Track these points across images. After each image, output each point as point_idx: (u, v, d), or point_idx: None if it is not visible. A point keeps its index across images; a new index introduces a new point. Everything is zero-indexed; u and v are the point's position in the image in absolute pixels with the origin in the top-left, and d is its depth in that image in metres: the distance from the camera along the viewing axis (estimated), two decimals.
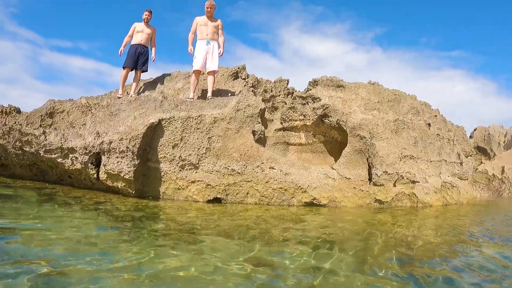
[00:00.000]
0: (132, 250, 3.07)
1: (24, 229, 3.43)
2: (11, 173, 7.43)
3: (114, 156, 5.70)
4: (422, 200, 6.90)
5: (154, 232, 3.89)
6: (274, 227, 4.45)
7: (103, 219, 4.36)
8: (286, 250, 3.37)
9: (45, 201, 5.03)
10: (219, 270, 2.69)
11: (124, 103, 7.00)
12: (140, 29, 8.10)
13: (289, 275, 2.66)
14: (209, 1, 7.44)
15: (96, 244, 3.21)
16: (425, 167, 7.36)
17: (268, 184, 6.02)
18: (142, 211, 4.94)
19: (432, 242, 4.10)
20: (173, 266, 2.75)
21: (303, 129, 7.98)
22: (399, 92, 8.97)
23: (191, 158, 5.93)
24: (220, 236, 3.83)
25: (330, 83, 8.14)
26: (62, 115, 6.98)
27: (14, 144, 6.54)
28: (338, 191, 6.33)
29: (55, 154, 6.18)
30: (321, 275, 2.70)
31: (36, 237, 3.22)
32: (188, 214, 4.98)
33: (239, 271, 2.69)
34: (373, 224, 5.09)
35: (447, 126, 9.18)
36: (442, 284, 2.65)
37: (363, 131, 6.84)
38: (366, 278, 2.68)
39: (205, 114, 6.11)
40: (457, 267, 3.10)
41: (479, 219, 6.26)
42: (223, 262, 2.87)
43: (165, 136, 5.97)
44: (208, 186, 5.90)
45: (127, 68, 7.95)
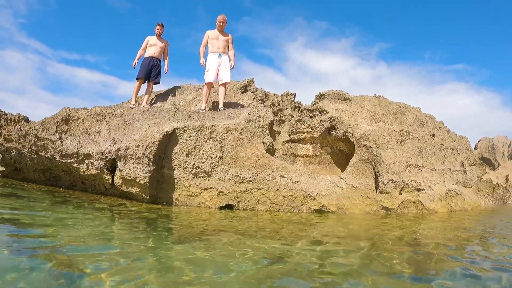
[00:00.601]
0: (147, 245, 3.30)
1: (41, 225, 3.62)
2: (24, 177, 7.71)
3: (130, 162, 5.98)
4: (427, 207, 7.16)
5: (169, 230, 4.20)
6: (285, 228, 4.73)
7: (117, 219, 4.62)
8: (296, 246, 3.65)
9: (60, 203, 5.29)
10: (234, 261, 2.93)
11: (138, 113, 7.32)
12: (153, 43, 8.48)
13: (299, 265, 2.92)
14: (222, 16, 7.83)
15: (111, 239, 3.45)
16: (430, 175, 7.64)
17: (279, 192, 6.30)
18: (156, 213, 5.21)
19: (438, 240, 4.36)
20: (188, 257, 2.98)
21: (310, 141, 8.28)
22: (404, 104, 9.30)
23: (204, 166, 6.22)
24: (234, 234, 4.10)
25: (337, 96, 8.46)
26: (77, 122, 7.30)
27: (30, 148, 6.83)
28: (346, 199, 6.61)
29: (71, 159, 6.47)
30: (328, 266, 2.96)
31: (53, 232, 3.40)
32: (201, 217, 5.26)
33: (252, 261, 2.95)
34: (380, 227, 5.37)
35: (450, 137, 9.47)
36: (450, 277, 2.89)
37: (369, 141, 7.13)
38: (374, 271, 2.92)
39: (218, 124, 6.42)
40: (460, 260, 3.35)
41: (484, 222, 6.54)
42: (238, 254, 3.14)
43: (179, 144, 6.27)
44: (221, 193, 6.18)
45: (140, 80, 8.31)
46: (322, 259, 3.17)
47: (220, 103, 7.50)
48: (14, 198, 5.10)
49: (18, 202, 4.78)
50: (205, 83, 7.63)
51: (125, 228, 4.07)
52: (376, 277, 2.74)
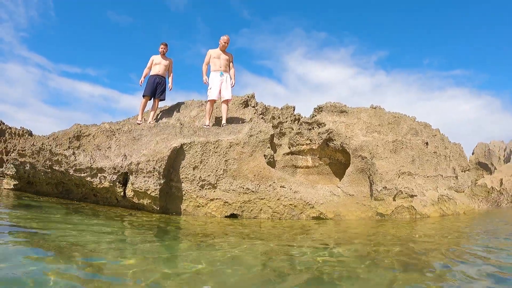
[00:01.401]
0: (157, 248, 3.83)
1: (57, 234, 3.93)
2: (36, 190, 8.29)
3: (141, 175, 6.57)
4: (420, 212, 7.73)
5: (179, 235, 4.78)
6: (286, 233, 5.31)
7: (129, 227, 5.14)
8: (297, 246, 4.20)
9: (73, 212, 5.80)
10: (240, 259, 3.46)
11: (145, 129, 7.93)
12: (157, 61, 9.12)
13: (301, 263, 3.46)
14: (227, 37, 8.48)
15: (127, 243, 3.97)
16: (422, 182, 8.23)
17: (280, 201, 6.88)
18: (165, 222, 5.76)
19: (429, 240, 4.92)
20: (199, 255, 3.51)
21: (309, 153, 8.88)
22: (399, 114, 9.91)
23: (210, 179, 6.81)
24: (239, 238, 4.65)
25: (334, 109, 9.08)
26: (89, 138, 7.90)
27: (44, 163, 7.41)
28: (343, 206, 7.18)
29: (85, 173, 7.04)
30: (328, 263, 3.46)
31: (69, 239, 3.73)
32: (208, 225, 5.82)
33: (257, 258, 3.52)
34: (375, 229, 5.96)
35: (444, 144, 10.06)
36: (442, 271, 3.44)
37: (364, 152, 7.73)
38: (370, 268, 3.44)
39: (222, 139, 7.02)
40: (452, 260, 3.92)
41: (473, 224, 7.12)
42: (244, 252, 3.69)
43: (186, 158, 6.86)
44: (226, 203, 6.77)
45: (146, 97, 8.94)
46: (320, 256, 3.73)
47: (223, 119, 8.11)
48: (31, 209, 5.63)
49: (35, 213, 5.27)
50: (208, 100, 8.24)
51: (139, 234, 4.60)
52: (369, 270, 3.29)
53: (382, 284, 2.84)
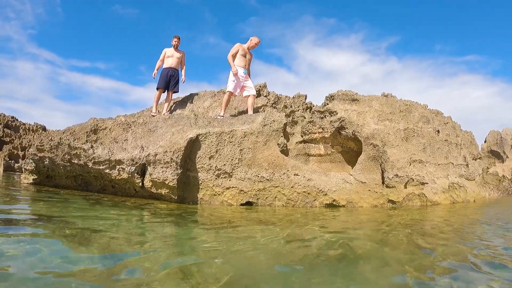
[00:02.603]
0: (178, 233, 4.16)
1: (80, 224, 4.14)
2: (55, 184, 8.68)
3: (159, 166, 6.93)
4: (431, 199, 8.04)
5: (197, 222, 5.12)
6: (300, 218, 5.65)
7: (148, 215, 5.48)
8: (310, 230, 4.54)
9: (94, 203, 6.14)
10: (257, 242, 3.74)
11: (160, 121, 8.28)
12: (170, 54, 9.46)
13: (316, 245, 3.79)
14: (259, 39, 8.83)
15: (145, 230, 4.26)
16: (433, 169, 8.52)
17: (294, 189, 7.23)
18: (183, 210, 6.10)
19: (439, 225, 5.25)
20: (218, 237, 3.85)
21: (322, 141, 9.20)
22: (411, 102, 10.17)
23: (226, 168, 7.17)
24: (255, 223, 4.98)
25: (345, 97, 9.37)
26: (105, 131, 8.28)
27: (63, 157, 7.77)
28: (355, 194, 7.52)
29: (103, 166, 7.40)
30: (339, 242, 3.79)
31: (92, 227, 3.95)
32: (225, 212, 6.16)
33: (273, 240, 3.81)
34: (387, 215, 6.28)
35: (455, 132, 10.32)
36: (453, 257, 3.77)
37: (376, 140, 8.03)
38: (383, 250, 3.75)
39: (236, 129, 7.36)
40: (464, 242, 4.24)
41: (482, 212, 7.42)
42: (260, 235, 4.01)
43: (202, 149, 7.21)
44: (241, 191, 7.13)
45: (160, 89, 9.30)
46: (333, 238, 4.06)
47: (250, 111, 8.52)
48: (52, 201, 5.97)
49: (57, 204, 5.59)
50: (227, 90, 8.54)
51: (159, 221, 4.93)
52: (381, 253, 3.63)
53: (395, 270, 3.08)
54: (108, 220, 4.54)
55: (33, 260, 2.60)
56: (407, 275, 2.71)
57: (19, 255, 2.71)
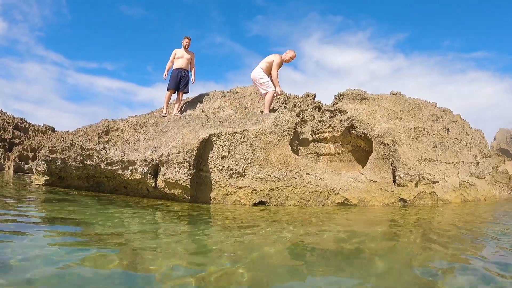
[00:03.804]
0: (193, 231, 4.33)
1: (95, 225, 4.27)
2: (67, 185, 8.84)
3: (172, 167, 7.06)
4: (441, 197, 8.14)
5: (210, 221, 5.28)
6: (313, 218, 5.77)
7: (162, 214, 5.65)
8: (325, 229, 4.66)
9: (108, 204, 6.30)
10: (271, 240, 3.89)
11: (171, 121, 8.42)
12: (180, 55, 9.61)
13: (328, 241, 3.94)
14: (295, 54, 8.97)
15: (159, 228, 4.44)
16: (444, 168, 8.62)
17: (306, 188, 7.34)
18: (197, 210, 6.25)
19: (447, 222, 5.37)
20: (235, 237, 3.99)
21: (332, 140, 9.30)
22: (420, 100, 10.26)
23: (238, 168, 7.30)
24: (268, 222, 5.10)
25: (355, 96, 9.48)
26: (117, 132, 8.42)
27: (76, 158, 7.92)
28: (367, 192, 7.63)
29: (116, 166, 7.55)
30: (353, 242, 3.92)
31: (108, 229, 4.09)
32: (239, 212, 6.28)
33: (289, 239, 3.96)
34: (398, 215, 6.39)
35: (465, 130, 10.40)
36: (456, 252, 3.88)
37: (386, 139, 8.13)
38: (393, 249, 3.92)
39: (248, 129, 7.49)
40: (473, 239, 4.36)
41: (494, 210, 7.53)
42: (275, 235, 4.13)
43: (214, 149, 7.34)
44: (254, 191, 7.25)
45: (170, 90, 9.44)
46: (348, 237, 4.19)
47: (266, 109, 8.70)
48: (66, 202, 6.14)
49: (71, 206, 5.74)
50: (269, 90, 8.72)
51: (175, 221, 5.09)
52: (392, 251, 3.76)
53: (406, 264, 3.22)
54: (122, 221, 4.68)
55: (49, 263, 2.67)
56: (419, 274, 2.82)
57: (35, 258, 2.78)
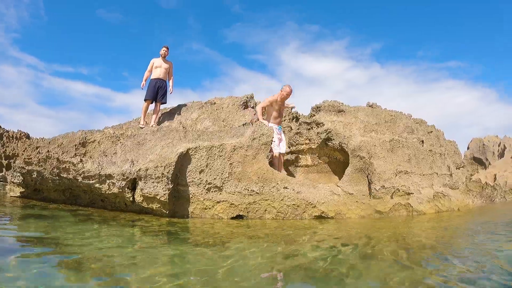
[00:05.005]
0: (170, 249, 4.35)
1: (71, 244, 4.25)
2: (43, 197, 8.72)
3: (150, 181, 7.07)
4: (416, 209, 8.38)
5: (189, 237, 5.33)
6: (291, 233, 5.89)
7: (140, 231, 5.63)
8: (301, 245, 4.74)
9: (84, 220, 6.24)
10: (248, 257, 3.95)
11: (149, 134, 8.42)
12: (158, 65, 9.63)
13: (306, 260, 4.00)
14: (291, 89, 8.81)
15: (136, 246, 4.44)
16: (419, 180, 8.86)
17: (283, 202, 7.45)
18: (175, 225, 6.27)
19: (420, 234, 5.54)
20: (209, 254, 4.05)
21: (309, 152, 9.48)
22: (395, 112, 10.53)
23: (216, 182, 7.36)
24: (246, 238, 5.19)
25: (332, 108, 9.67)
26: (94, 144, 8.38)
27: (52, 171, 7.82)
28: (343, 205, 7.78)
29: (93, 180, 7.49)
30: (330, 257, 3.99)
31: (87, 247, 4.12)
32: (216, 226, 6.34)
33: (264, 258, 3.99)
34: (375, 227, 6.57)
35: (439, 142, 10.70)
36: (434, 260, 4.03)
37: (362, 152, 8.32)
38: (370, 261, 4.01)
39: (226, 143, 7.56)
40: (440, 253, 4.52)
41: (465, 220, 7.78)
42: (251, 253, 4.20)
43: (192, 163, 7.38)
44: (232, 205, 7.32)
45: (148, 101, 9.45)
46: (325, 252, 4.29)
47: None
48: (41, 219, 6.06)
49: (46, 222, 5.68)
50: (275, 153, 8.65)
51: (153, 238, 5.09)
52: (369, 266, 3.86)
53: (383, 279, 3.34)
54: (100, 241, 4.67)
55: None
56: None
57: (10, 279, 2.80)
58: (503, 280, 3.21)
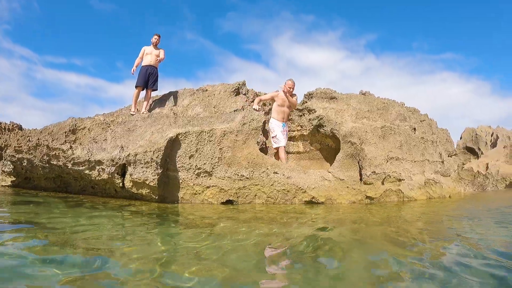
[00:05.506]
0: (160, 231, 4.34)
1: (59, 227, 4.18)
2: (34, 186, 8.69)
3: (139, 166, 7.04)
4: (407, 195, 8.39)
5: (178, 220, 5.33)
6: (281, 216, 5.87)
7: (130, 214, 5.62)
8: (293, 226, 4.76)
9: (74, 206, 6.21)
10: (238, 240, 3.94)
11: (139, 120, 8.38)
12: (149, 52, 9.58)
13: (296, 240, 4.02)
14: (293, 82, 8.62)
15: (127, 230, 4.38)
16: (410, 166, 8.87)
17: (273, 187, 7.44)
18: (164, 210, 6.25)
19: (409, 218, 5.54)
20: (198, 236, 4.02)
21: (300, 139, 9.47)
22: (388, 100, 10.52)
23: (206, 167, 7.33)
24: (237, 222, 5.17)
25: (324, 95, 9.65)
26: (84, 131, 8.34)
27: (42, 158, 7.77)
28: (334, 190, 7.78)
29: (83, 166, 7.44)
30: (318, 239, 4.03)
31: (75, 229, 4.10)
32: (206, 211, 6.32)
33: (254, 236, 4.01)
34: (365, 211, 6.57)
35: (431, 130, 10.71)
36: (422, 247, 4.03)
37: (353, 138, 8.31)
38: (358, 243, 4.03)
39: (216, 128, 7.53)
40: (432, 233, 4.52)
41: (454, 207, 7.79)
42: (241, 235, 4.17)
43: (182, 148, 7.35)
44: (222, 190, 7.30)
45: (139, 87, 9.40)
46: (314, 233, 4.30)
47: None
48: (32, 205, 6.00)
49: (36, 209, 5.60)
50: (277, 147, 8.53)
51: (142, 222, 5.07)
52: (358, 247, 3.87)
53: (371, 260, 3.35)
54: (90, 224, 4.63)
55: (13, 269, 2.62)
56: (385, 270, 2.94)
57: None
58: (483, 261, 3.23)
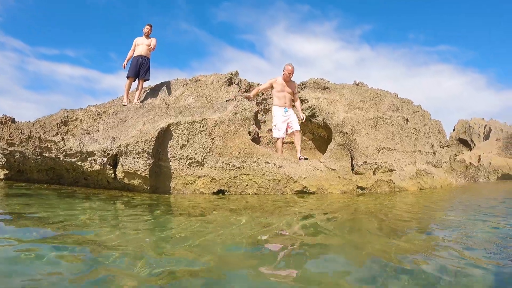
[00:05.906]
0: (152, 221, 4.34)
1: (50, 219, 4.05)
2: (27, 178, 8.66)
3: (131, 157, 7.04)
4: (398, 185, 8.43)
5: (170, 209, 5.36)
6: (272, 205, 5.91)
7: (122, 204, 5.63)
8: (285, 214, 4.79)
9: (67, 197, 6.18)
10: (228, 228, 3.96)
11: (131, 110, 8.37)
12: (140, 42, 9.54)
13: (284, 228, 4.05)
14: (291, 66, 8.43)
15: (119, 220, 4.39)
16: (402, 157, 8.90)
17: (264, 176, 7.46)
18: (156, 200, 6.26)
19: (400, 208, 5.58)
20: (189, 224, 4.03)
21: None
22: (381, 91, 10.53)
23: (197, 157, 7.34)
24: (228, 211, 5.19)
25: (317, 86, 9.65)
26: (76, 123, 8.32)
27: (34, 151, 7.76)
28: (325, 180, 7.80)
29: (75, 158, 7.44)
30: (309, 228, 4.08)
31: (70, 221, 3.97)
32: (197, 200, 6.35)
33: (243, 229, 4.00)
34: (355, 201, 6.60)
35: (424, 121, 10.74)
36: (415, 234, 4.06)
37: (345, 128, 8.33)
38: (349, 231, 4.04)
39: (207, 118, 7.53)
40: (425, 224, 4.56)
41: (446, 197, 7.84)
42: (231, 224, 4.20)
43: (173, 138, 7.35)
44: (213, 180, 7.32)
45: (130, 78, 9.37)
46: (305, 222, 4.32)
47: (298, 152, 8.46)
48: (24, 197, 5.94)
49: (29, 200, 5.53)
50: (277, 138, 8.47)
51: (133, 212, 5.07)
52: (349, 235, 3.88)
53: (361, 247, 3.35)
54: (82, 213, 4.62)
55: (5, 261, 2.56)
56: (376, 258, 2.94)
57: None
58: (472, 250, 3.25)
